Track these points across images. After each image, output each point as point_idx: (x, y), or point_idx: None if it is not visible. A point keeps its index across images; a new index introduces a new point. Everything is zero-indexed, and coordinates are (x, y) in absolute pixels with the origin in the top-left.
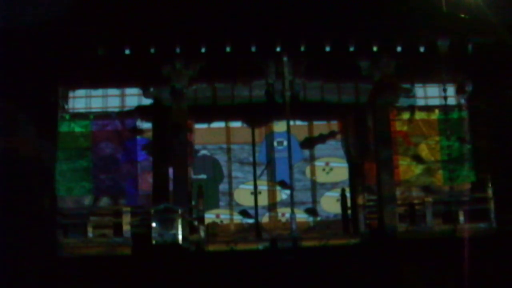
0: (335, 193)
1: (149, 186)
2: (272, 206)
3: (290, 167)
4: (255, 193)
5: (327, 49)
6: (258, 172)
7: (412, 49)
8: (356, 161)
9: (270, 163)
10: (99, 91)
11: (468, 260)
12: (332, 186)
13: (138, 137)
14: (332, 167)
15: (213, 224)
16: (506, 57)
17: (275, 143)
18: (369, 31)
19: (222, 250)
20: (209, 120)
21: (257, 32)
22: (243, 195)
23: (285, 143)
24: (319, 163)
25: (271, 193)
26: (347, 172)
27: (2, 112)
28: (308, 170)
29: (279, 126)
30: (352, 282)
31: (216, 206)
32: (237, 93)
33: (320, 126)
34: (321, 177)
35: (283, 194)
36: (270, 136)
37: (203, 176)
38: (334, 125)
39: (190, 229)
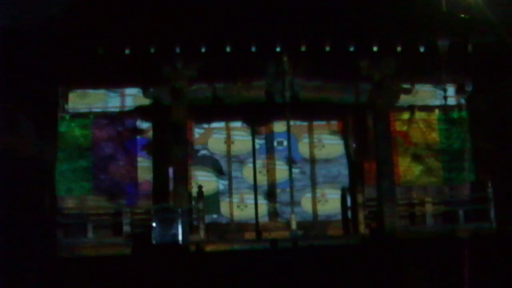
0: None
1: (149, 186)
2: (272, 206)
3: (290, 167)
4: (255, 193)
5: (327, 49)
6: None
7: (412, 49)
8: (356, 161)
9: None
10: (99, 91)
11: (468, 260)
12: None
13: (138, 137)
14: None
15: (213, 224)
16: (506, 57)
17: (275, 143)
18: (369, 31)
19: (222, 250)
20: (209, 120)
21: (257, 32)
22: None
23: (285, 143)
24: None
25: (271, 193)
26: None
27: (2, 112)
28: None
29: (279, 126)
30: (352, 282)
31: (216, 206)
32: (237, 93)
33: (320, 126)
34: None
35: (283, 194)
36: (270, 136)
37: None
38: (334, 125)
39: (190, 229)
